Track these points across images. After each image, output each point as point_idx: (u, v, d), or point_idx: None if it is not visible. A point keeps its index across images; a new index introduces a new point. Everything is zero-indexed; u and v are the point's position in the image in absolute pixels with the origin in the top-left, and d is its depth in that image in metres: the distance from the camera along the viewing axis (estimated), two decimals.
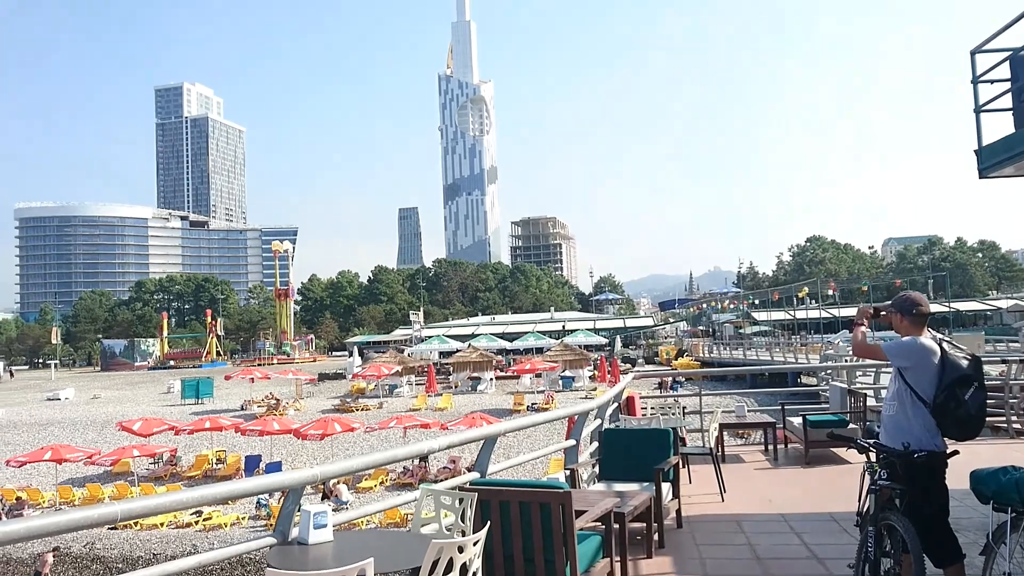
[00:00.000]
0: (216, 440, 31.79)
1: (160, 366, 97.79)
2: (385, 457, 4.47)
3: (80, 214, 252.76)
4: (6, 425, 42.70)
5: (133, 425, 29.69)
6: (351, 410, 40.86)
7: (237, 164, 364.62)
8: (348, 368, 58.98)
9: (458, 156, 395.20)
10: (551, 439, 30.48)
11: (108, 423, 39.01)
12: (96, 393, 59.13)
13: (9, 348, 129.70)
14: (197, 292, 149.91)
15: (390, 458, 4.53)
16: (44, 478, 27.58)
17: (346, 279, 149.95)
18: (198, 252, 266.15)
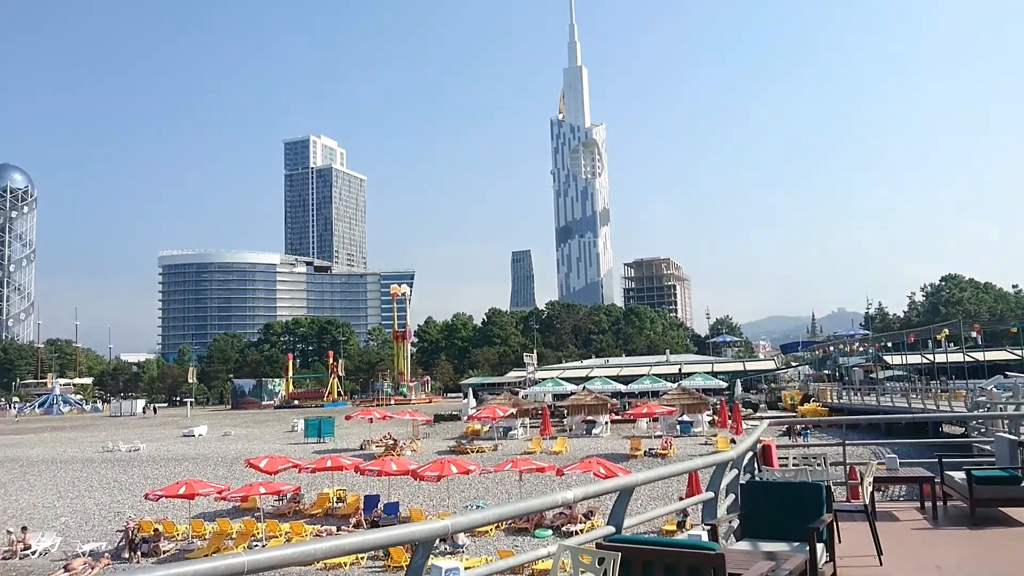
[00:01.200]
0: (337, 479, 32.41)
1: (285, 405, 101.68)
2: (519, 509, 4.18)
3: (215, 261, 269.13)
4: (147, 460, 45.19)
5: (259, 463, 30.67)
6: (466, 452, 40.90)
7: (358, 211, 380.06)
8: (463, 410, 59.36)
9: (570, 199, 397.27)
10: (668, 487, 29.38)
11: (237, 460, 40.58)
12: (227, 430, 61.92)
13: (151, 387, 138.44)
14: (320, 334, 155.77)
15: (524, 510, 4.24)
16: (179, 511, 28.77)
17: (460, 321, 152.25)
18: (321, 296, 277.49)
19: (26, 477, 41.60)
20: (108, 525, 29.19)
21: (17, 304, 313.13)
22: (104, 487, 37.51)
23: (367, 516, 27.46)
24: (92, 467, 43.47)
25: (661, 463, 35.05)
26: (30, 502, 34.90)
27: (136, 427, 74.47)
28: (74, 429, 76.58)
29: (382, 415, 49.59)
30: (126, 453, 48.70)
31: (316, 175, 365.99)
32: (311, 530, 25.83)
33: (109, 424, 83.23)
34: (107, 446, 52.18)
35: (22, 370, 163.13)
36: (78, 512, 32.00)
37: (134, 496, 33.16)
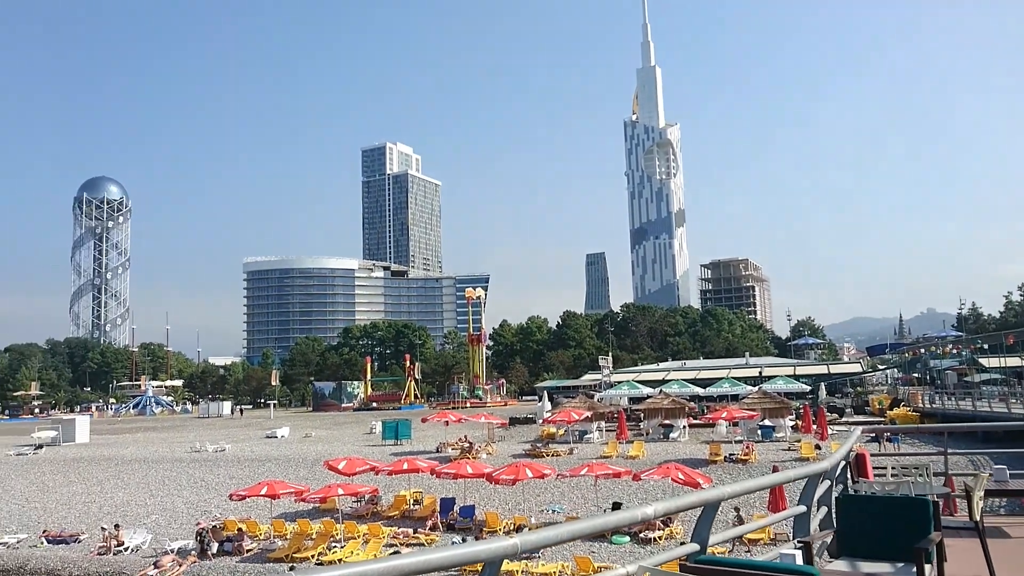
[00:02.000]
0: (413, 481, 32.62)
1: (364, 407, 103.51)
2: (595, 526, 3.90)
3: (297, 267, 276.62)
4: (232, 460, 46.54)
5: (338, 464, 31.10)
6: (542, 455, 40.64)
7: (433, 216, 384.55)
8: (538, 413, 59.12)
9: (645, 200, 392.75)
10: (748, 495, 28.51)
11: (317, 461, 41.36)
12: (308, 432, 63.32)
13: (237, 389, 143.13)
14: (397, 337, 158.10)
15: (600, 527, 3.96)
16: (262, 511, 29.43)
17: (535, 324, 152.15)
18: (398, 300, 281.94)
19: (121, 476, 43.38)
20: (195, 523, 30.07)
21: (114, 310, 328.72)
22: (192, 486, 38.77)
23: (443, 519, 27.52)
24: (181, 466, 45.02)
25: (742, 469, 34.02)
26: (124, 499, 36.35)
27: (222, 428, 76.96)
28: (165, 430, 79.70)
29: (458, 418, 49.78)
30: (213, 453, 50.29)
31: (392, 181, 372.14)
32: (388, 532, 26.02)
33: (197, 425, 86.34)
34: (195, 446, 54.03)
35: (119, 372, 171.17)
36: (167, 510, 33.12)
37: (220, 495, 34.13)
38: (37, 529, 30.25)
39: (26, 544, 28.46)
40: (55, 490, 40.28)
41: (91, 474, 44.50)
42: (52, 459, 52.44)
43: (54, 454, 55.46)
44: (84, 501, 36.54)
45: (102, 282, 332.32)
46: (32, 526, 31.15)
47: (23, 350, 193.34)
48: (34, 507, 36.03)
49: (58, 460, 51.48)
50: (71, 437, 63.90)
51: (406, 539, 25.50)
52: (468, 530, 26.30)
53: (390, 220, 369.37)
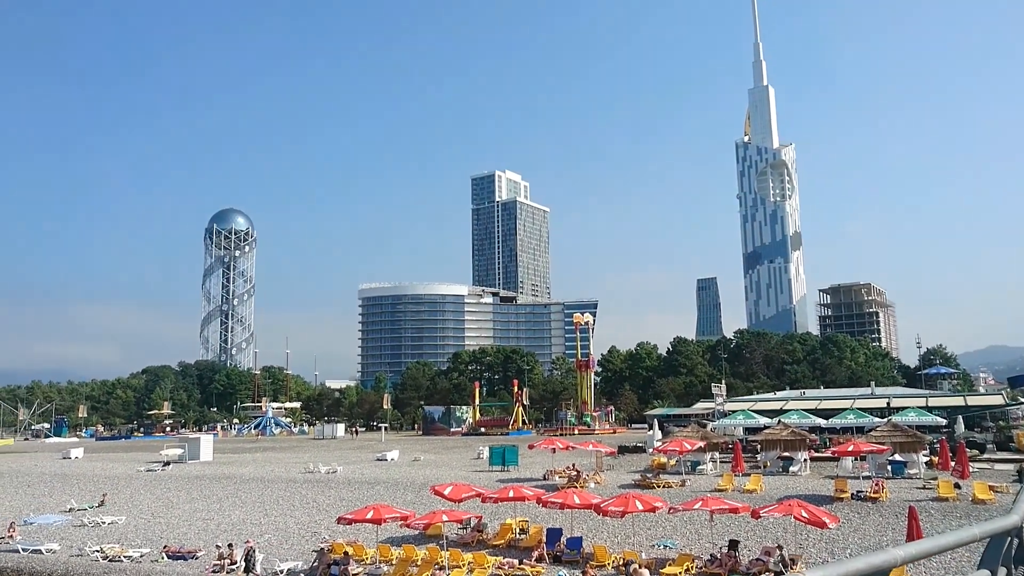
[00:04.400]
0: (519, 509, 31.93)
1: (472, 432, 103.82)
2: None
3: (409, 293, 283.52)
4: (343, 482, 47.26)
5: (444, 490, 30.83)
6: (652, 486, 39.14)
7: (541, 242, 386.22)
8: (648, 441, 57.37)
9: (758, 223, 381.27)
10: (859, 536, 26.24)
11: (424, 485, 41.33)
12: (416, 456, 63.81)
13: (351, 411, 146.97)
14: (506, 363, 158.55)
15: None
16: (369, 534, 29.45)
17: (645, 350, 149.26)
18: (507, 325, 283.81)
19: (239, 494, 44.76)
20: (305, 544, 30.42)
21: (239, 334, 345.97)
22: (304, 507, 39.46)
23: (550, 550, 26.67)
24: (294, 487, 46.04)
25: (872, 508, 31.48)
26: (240, 518, 37.35)
27: (336, 449, 78.77)
28: (282, 450, 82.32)
29: (565, 445, 48.82)
30: (325, 475, 51.28)
31: (501, 208, 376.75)
32: (493, 561, 25.40)
33: (312, 446, 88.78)
34: (309, 467, 55.30)
35: (242, 394, 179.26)
36: (280, 530, 33.71)
37: (329, 517, 34.48)
38: (159, 544, 31.35)
39: (148, 559, 29.49)
40: (178, 506, 41.93)
41: (212, 492, 46.14)
42: (178, 476, 54.86)
43: (180, 471, 58.03)
44: (204, 518, 37.78)
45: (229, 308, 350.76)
46: (155, 541, 32.33)
47: (158, 371, 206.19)
48: (159, 522, 37.52)
49: (183, 477, 53.79)
50: (196, 455, 66.81)
51: (511, 570, 24.80)
52: (575, 563, 25.34)
53: (499, 246, 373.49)
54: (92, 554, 30.48)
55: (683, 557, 24.62)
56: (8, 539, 34.00)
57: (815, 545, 26.26)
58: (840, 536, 27.07)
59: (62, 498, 46.09)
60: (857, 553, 25.28)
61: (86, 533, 35.18)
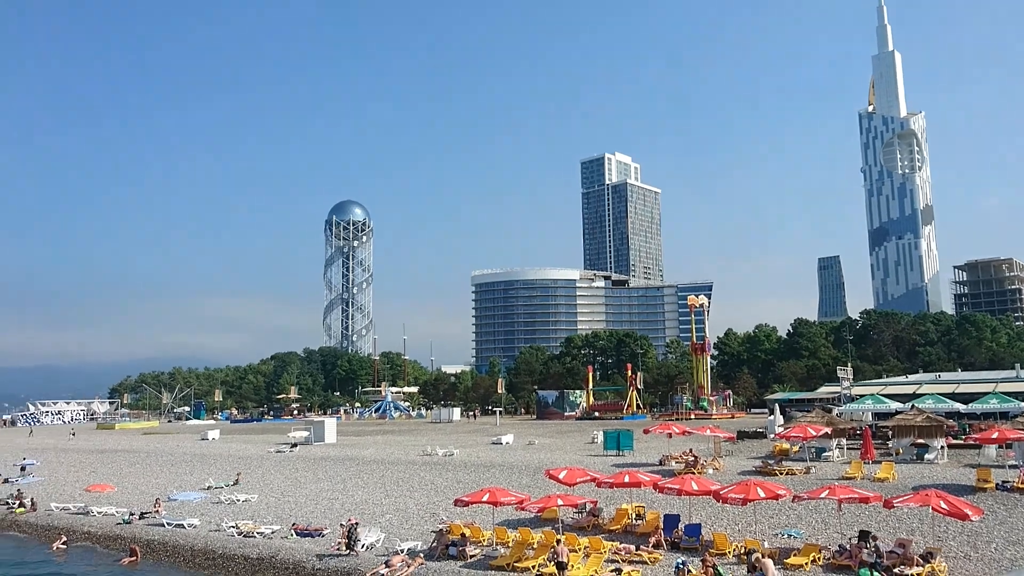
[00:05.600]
0: (635, 495, 31.50)
1: (586, 416, 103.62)
2: None
3: (521, 278, 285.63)
4: (459, 464, 48.11)
5: (559, 474, 30.77)
6: (774, 473, 37.77)
7: (653, 224, 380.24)
8: (769, 427, 55.48)
9: (885, 197, 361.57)
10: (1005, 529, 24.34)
11: (538, 469, 41.48)
12: (531, 440, 64.19)
13: (466, 396, 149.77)
14: (619, 347, 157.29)
15: None
16: (485, 517, 29.78)
17: (763, 333, 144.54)
18: (619, 309, 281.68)
19: (361, 475, 46.35)
20: (424, 525, 31.11)
21: (359, 321, 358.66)
22: (422, 488, 40.40)
23: (667, 536, 26.15)
24: (413, 469, 47.24)
25: (1020, 499, 29.21)
26: (363, 498, 38.63)
27: (452, 433, 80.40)
28: (401, 433, 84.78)
29: (681, 430, 47.84)
30: (442, 457, 52.36)
31: (612, 191, 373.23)
32: (610, 547, 25.14)
33: (430, 429, 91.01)
34: (426, 450, 56.65)
35: (363, 379, 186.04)
36: (400, 511, 34.63)
37: (447, 499, 35.12)
38: (288, 521, 32.85)
39: (278, 535, 30.95)
40: (305, 486, 43.84)
41: (336, 473, 47.99)
42: (304, 457, 57.42)
43: (306, 452, 60.71)
44: (329, 498, 39.31)
45: (349, 296, 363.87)
46: (284, 518, 33.90)
47: (285, 358, 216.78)
48: (287, 501, 39.35)
49: (309, 458, 56.24)
50: (321, 437, 69.72)
51: (628, 556, 24.47)
52: (694, 550, 24.73)
53: (610, 230, 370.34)
54: (228, 529, 32.28)
55: (809, 547, 23.58)
56: (155, 514, 36.52)
57: (955, 538, 24.58)
58: (984, 529, 25.25)
59: (201, 476, 49.10)
60: (1003, 548, 23.51)
61: (223, 510, 37.31)
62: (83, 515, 38.76)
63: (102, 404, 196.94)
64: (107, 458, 65.14)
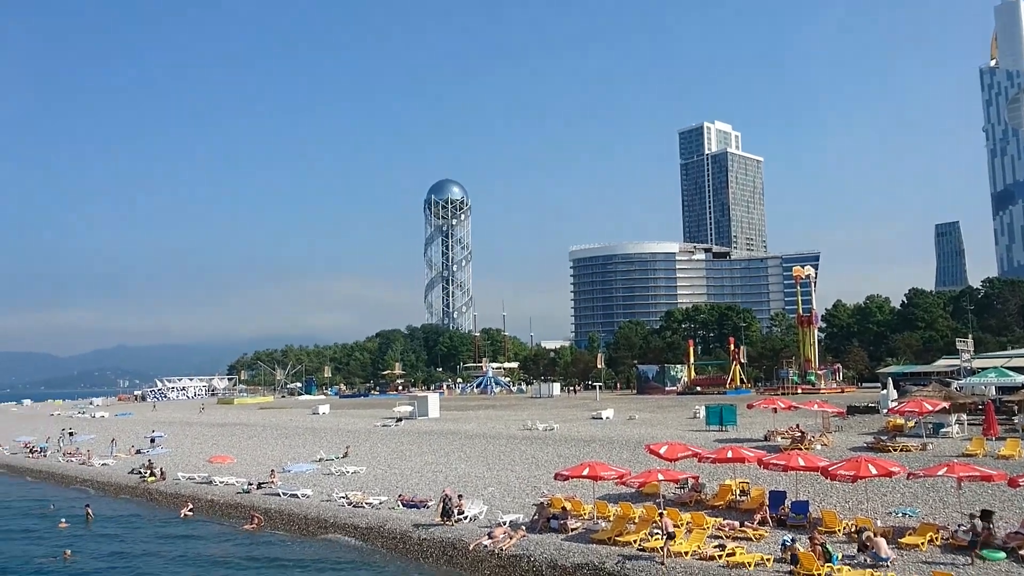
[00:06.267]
0: (738, 471, 30.93)
1: (687, 391, 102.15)
2: None
3: (619, 253, 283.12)
4: (560, 439, 48.43)
5: (659, 449, 30.53)
6: (887, 449, 36.26)
7: (755, 194, 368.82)
8: (882, 401, 53.19)
9: (1010, 158, 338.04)
10: None
11: (639, 444, 41.25)
12: (631, 414, 63.86)
13: (566, 371, 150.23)
14: (720, 320, 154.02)
15: None
16: (586, 491, 29.92)
17: (875, 304, 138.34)
18: (721, 282, 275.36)
19: (463, 449, 47.34)
20: (525, 498, 31.53)
21: (459, 298, 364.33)
22: (523, 462, 40.91)
23: (773, 513, 25.59)
24: (514, 443, 47.87)
25: None
26: (465, 471, 39.48)
27: (552, 408, 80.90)
28: (502, 408, 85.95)
29: (787, 405, 46.49)
30: (542, 432, 52.83)
31: (711, 161, 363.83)
32: (713, 522, 24.83)
33: (530, 404, 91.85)
34: (527, 424, 57.25)
35: (464, 355, 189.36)
36: (502, 484, 35.21)
37: (547, 472, 35.46)
38: (395, 493, 33.96)
39: (386, 506, 32.07)
40: (410, 459, 45.16)
41: (439, 446, 49.19)
42: (409, 431, 59.10)
43: (411, 426, 62.46)
44: (433, 470, 40.37)
45: (449, 274, 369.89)
46: (391, 490, 35.06)
47: (389, 335, 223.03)
48: (393, 473, 40.67)
49: (413, 432, 57.86)
50: (425, 412, 71.51)
51: (732, 532, 24.10)
52: (801, 527, 24.11)
53: (710, 200, 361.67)
54: (339, 500, 33.70)
55: (925, 527, 22.58)
56: (271, 484, 38.49)
57: None
58: None
59: (312, 449, 51.32)
60: None
61: (333, 481, 38.94)
62: (207, 484, 41.26)
63: (221, 380, 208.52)
64: (226, 431, 68.95)
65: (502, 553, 24.60)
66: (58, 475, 52.23)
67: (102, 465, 52.75)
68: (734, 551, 21.66)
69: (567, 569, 22.79)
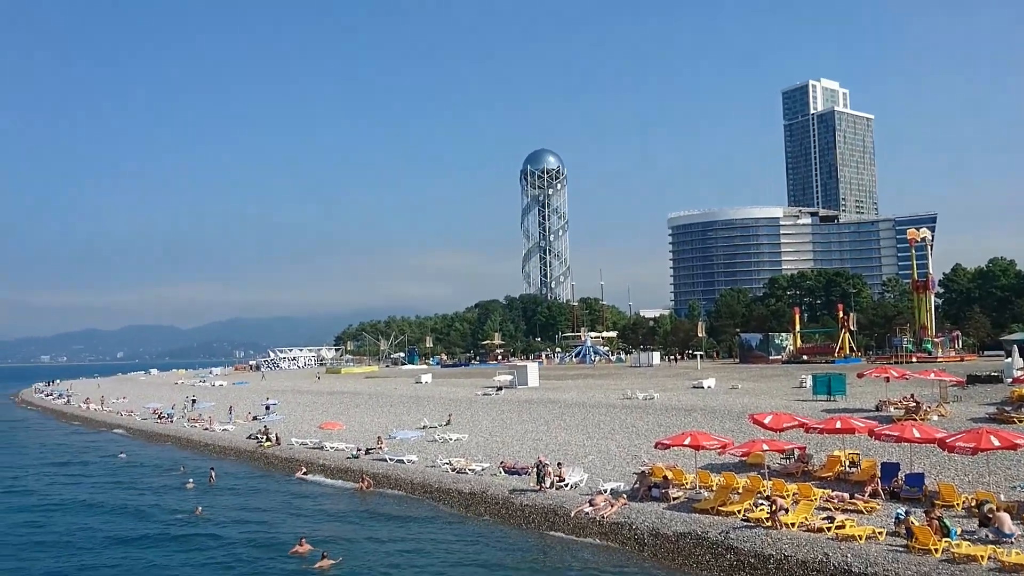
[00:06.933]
0: (847, 441, 29.94)
1: (793, 360, 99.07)
2: None
3: (719, 218, 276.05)
4: (659, 408, 48.08)
5: (764, 419, 29.85)
6: (1012, 421, 34.25)
7: (866, 154, 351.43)
8: (1005, 370, 50.13)
9: None
10: None
11: (742, 414, 40.47)
12: (734, 384, 62.61)
13: (665, 340, 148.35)
14: (828, 286, 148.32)
15: None
16: (687, 460, 29.65)
17: (999, 267, 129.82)
18: (828, 246, 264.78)
19: (563, 417, 47.68)
20: (625, 467, 31.55)
21: (557, 268, 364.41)
22: (623, 431, 40.87)
23: (885, 486, 24.69)
24: (614, 412, 47.84)
25: None
26: (565, 439, 39.81)
27: (652, 377, 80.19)
28: (600, 377, 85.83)
29: (900, 374, 44.48)
30: (642, 401, 52.54)
31: (817, 120, 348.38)
32: (821, 494, 24.20)
33: (630, 373, 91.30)
34: (626, 394, 57.04)
35: (562, 325, 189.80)
36: (602, 452, 35.33)
37: (647, 441, 35.30)
38: (496, 460, 34.64)
39: (488, 472, 32.76)
40: (510, 427, 45.86)
41: (539, 415, 49.71)
42: (509, 399, 59.94)
43: (510, 395, 63.30)
44: (533, 438, 40.88)
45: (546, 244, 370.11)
46: (493, 457, 35.78)
47: (488, 306, 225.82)
48: (495, 440, 41.44)
49: (513, 401, 58.64)
50: (524, 381, 72.25)
51: (842, 504, 23.41)
52: (916, 501, 23.18)
53: (816, 162, 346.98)
54: (443, 466, 34.66)
55: None
56: (378, 449, 39.95)
57: None
58: None
59: (416, 417, 52.83)
60: None
61: (437, 448, 40.04)
62: (318, 449, 43.20)
63: (329, 351, 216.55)
64: (335, 399, 71.80)
65: (603, 520, 24.77)
66: (184, 439, 55.83)
67: (223, 431, 56.04)
68: (843, 523, 21.06)
69: (669, 538, 22.75)
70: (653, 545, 22.98)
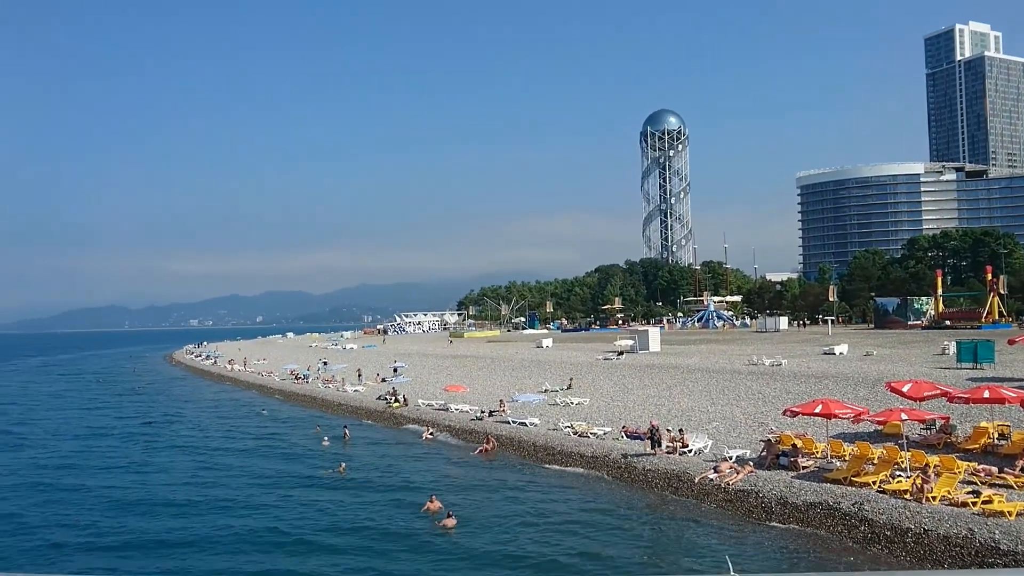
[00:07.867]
0: (996, 412, 28.04)
1: (934, 325, 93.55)
2: None
3: (853, 176, 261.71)
4: (788, 375, 46.57)
5: (902, 387, 28.31)
6: None
7: (1020, 103, 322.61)
8: None
9: None
10: None
11: (877, 381, 38.62)
12: (868, 350, 59.72)
13: (793, 304, 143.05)
14: (975, 247, 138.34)
15: None
16: (817, 429, 28.66)
17: None
18: (976, 204, 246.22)
19: (685, 383, 47.02)
20: (752, 434, 30.83)
21: (678, 232, 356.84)
22: (749, 398, 39.88)
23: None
24: (739, 378, 46.73)
25: None
26: (688, 405, 39.27)
27: (779, 343, 77.67)
28: (725, 342, 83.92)
29: None
30: (769, 367, 51.02)
31: (964, 68, 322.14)
32: (966, 467, 22.84)
33: (755, 339, 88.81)
34: (752, 359, 55.55)
35: (684, 289, 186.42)
36: (727, 419, 34.65)
37: (775, 409, 34.33)
38: (618, 424, 34.63)
39: (610, 436, 32.84)
40: (632, 392, 45.66)
41: (661, 380, 49.23)
42: (630, 364, 59.63)
43: (632, 360, 62.96)
44: (655, 403, 40.57)
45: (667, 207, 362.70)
46: (615, 421, 35.80)
47: (608, 270, 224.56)
48: (616, 405, 41.41)
49: (635, 365, 58.29)
50: (645, 346, 71.67)
51: (989, 478, 22.03)
52: None
53: (962, 113, 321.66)
54: (564, 429, 35.01)
55: None
56: (501, 412, 40.77)
57: None
58: None
59: (538, 380, 53.48)
60: None
61: (558, 411, 40.45)
62: (443, 411, 44.57)
63: (452, 315, 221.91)
64: (458, 363, 73.66)
65: (728, 487, 24.37)
66: (318, 399, 58.92)
67: (354, 391, 58.73)
68: (991, 498, 19.82)
69: (798, 507, 22.14)
70: (781, 514, 22.44)
